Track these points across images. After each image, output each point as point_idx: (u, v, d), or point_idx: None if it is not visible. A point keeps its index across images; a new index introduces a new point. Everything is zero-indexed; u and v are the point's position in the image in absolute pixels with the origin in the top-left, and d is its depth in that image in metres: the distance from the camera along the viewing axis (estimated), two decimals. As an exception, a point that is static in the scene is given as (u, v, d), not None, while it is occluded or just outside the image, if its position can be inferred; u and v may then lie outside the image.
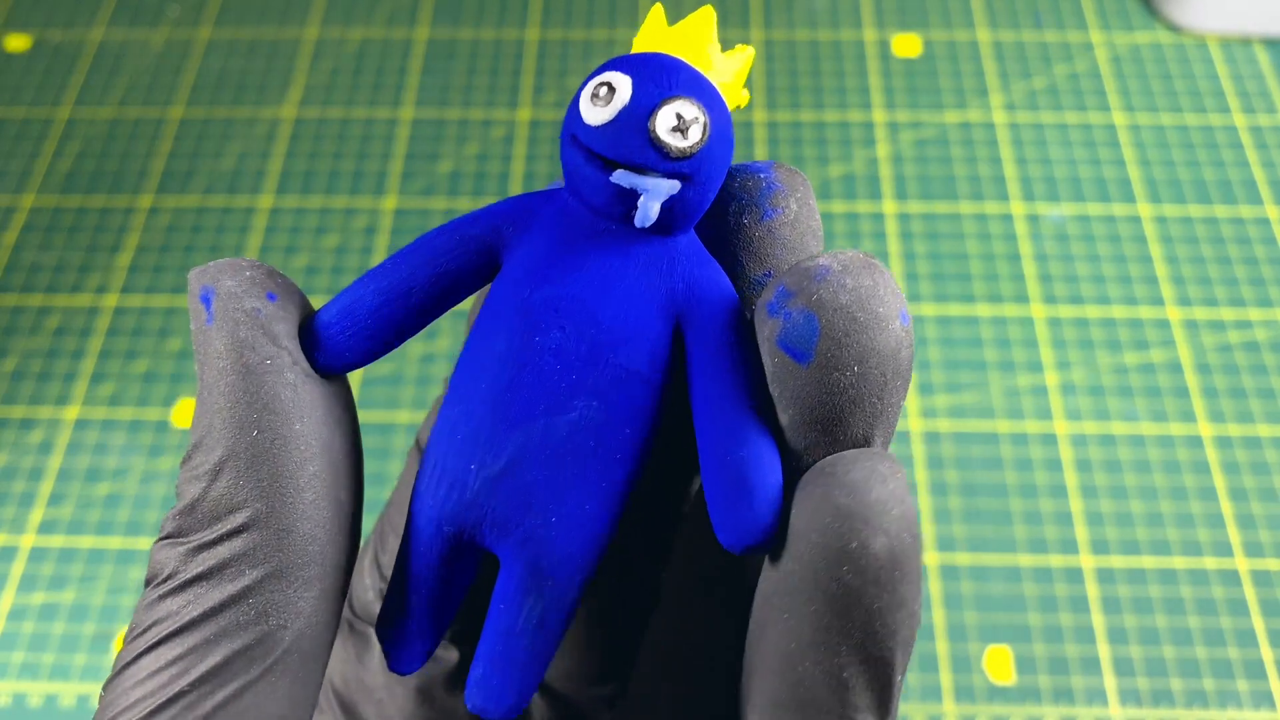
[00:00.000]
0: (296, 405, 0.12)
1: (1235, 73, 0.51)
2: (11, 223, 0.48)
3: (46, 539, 0.39)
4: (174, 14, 0.55)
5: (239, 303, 0.12)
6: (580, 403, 0.11)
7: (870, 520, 0.10)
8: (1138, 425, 0.41)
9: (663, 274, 0.11)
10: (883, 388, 0.11)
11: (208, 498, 0.12)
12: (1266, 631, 0.37)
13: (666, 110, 0.10)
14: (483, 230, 0.11)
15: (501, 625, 0.12)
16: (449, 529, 0.12)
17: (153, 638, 0.12)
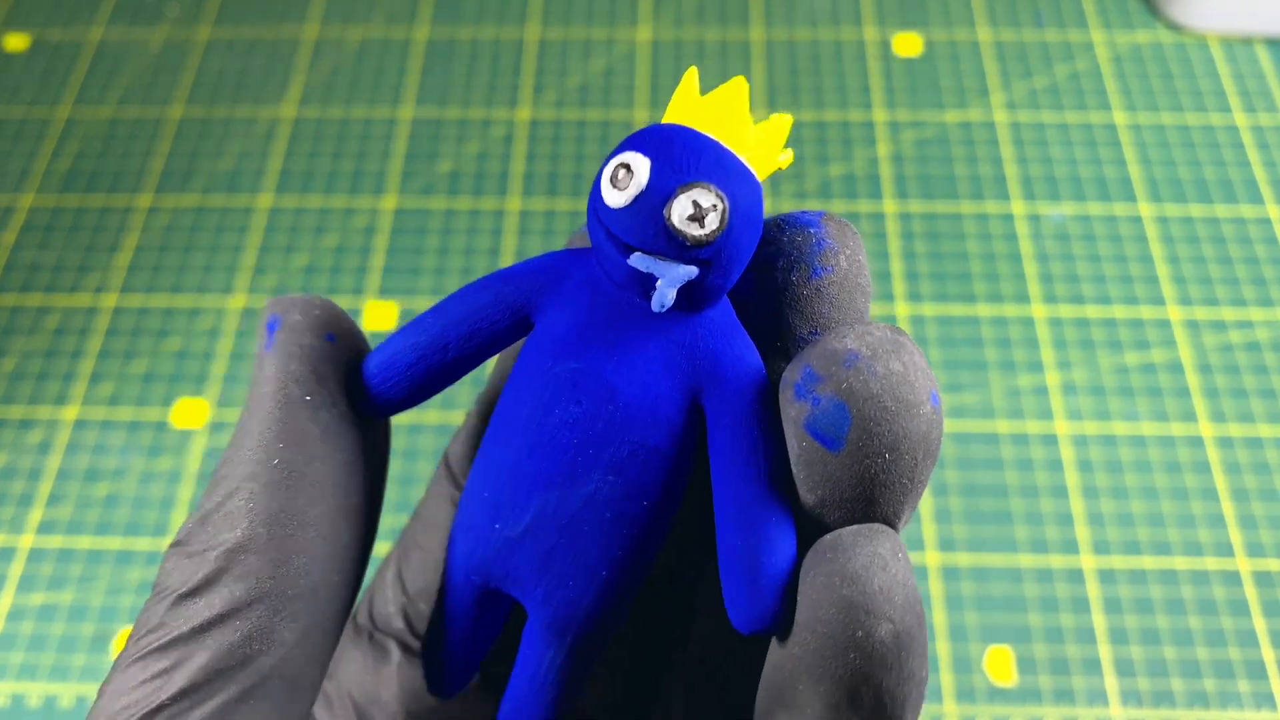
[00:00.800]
0: (322, 445, 0.12)
1: (1236, 72, 0.51)
2: (10, 222, 0.48)
3: (45, 539, 0.39)
4: (173, 13, 0.55)
5: (298, 337, 0.12)
6: (596, 477, 0.11)
7: (873, 610, 0.10)
8: (1139, 425, 0.41)
9: (685, 350, 0.11)
10: (914, 470, 0.11)
11: (219, 512, 0.12)
12: (1268, 632, 0.37)
13: (683, 198, 0.10)
14: (516, 292, 0.11)
15: (527, 670, 0.13)
16: (476, 579, 0.13)
17: (143, 648, 0.12)
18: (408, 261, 0.46)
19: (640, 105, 0.51)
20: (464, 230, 0.47)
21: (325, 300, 0.13)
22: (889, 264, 0.45)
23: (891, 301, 0.44)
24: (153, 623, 0.12)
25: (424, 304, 0.45)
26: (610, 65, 0.52)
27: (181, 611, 0.12)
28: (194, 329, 0.44)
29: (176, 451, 0.41)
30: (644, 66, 0.52)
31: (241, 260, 0.46)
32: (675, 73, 0.52)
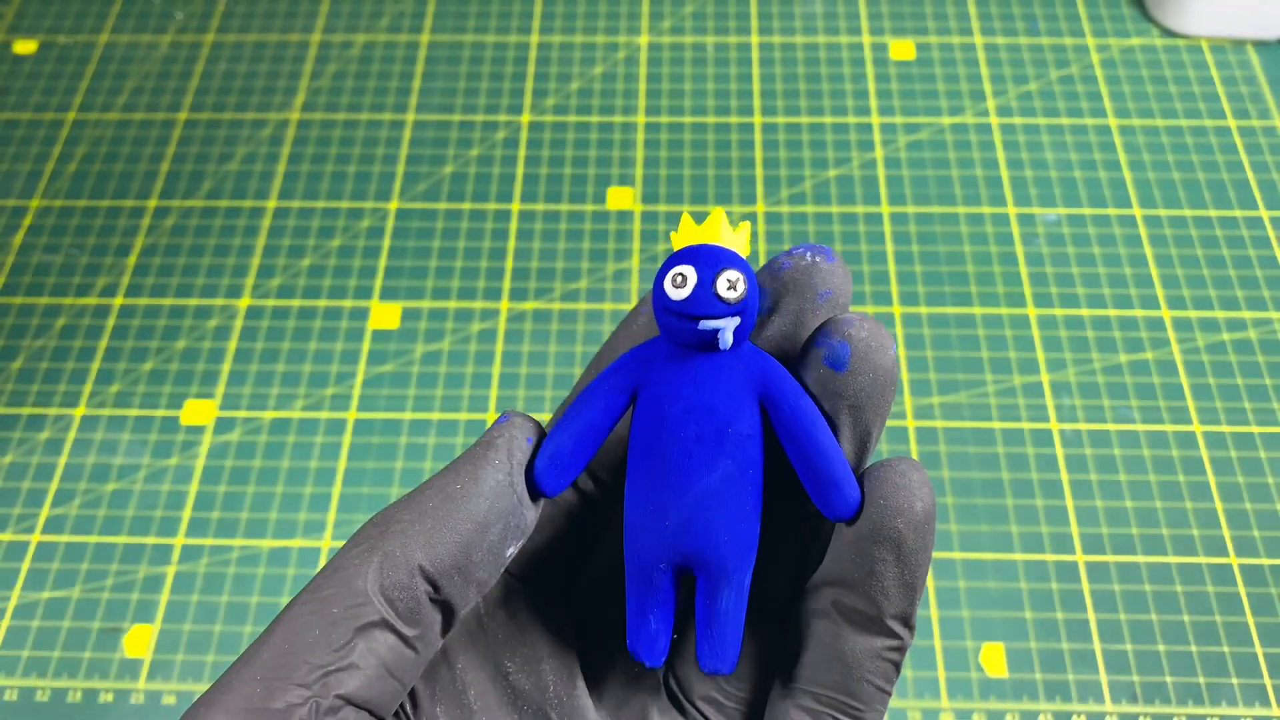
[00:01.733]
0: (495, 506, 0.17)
1: (1229, 76, 0.51)
2: (19, 224, 0.48)
3: (54, 536, 0.40)
4: (180, 18, 0.55)
5: (517, 430, 0.18)
6: (722, 463, 0.17)
7: (913, 493, 0.17)
8: (1131, 423, 0.42)
9: (740, 369, 0.17)
10: (886, 388, 0.17)
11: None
12: (1258, 627, 0.37)
13: (721, 279, 0.17)
14: (628, 378, 0.18)
15: (711, 614, 0.18)
16: (663, 564, 0.18)
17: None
18: (411, 263, 0.47)
19: (640, 109, 0.51)
20: (467, 232, 0.47)
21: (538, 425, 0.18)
22: (885, 265, 0.46)
23: (889, 303, 0.45)
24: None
25: (428, 305, 0.45)
26: (610, 70, 0.53)
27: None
28: (201, 329, 0.45)
29: (184, 449, 0.42)
30: (644, 71, 0.53)
31: (248, 261, 0.47)
32: (675, 77, 0.52)
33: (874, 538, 0.17)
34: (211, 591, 0.38)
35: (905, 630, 0.18)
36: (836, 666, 0.18)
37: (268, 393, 0.43)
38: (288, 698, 0.15)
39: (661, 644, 0.18)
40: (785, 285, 0.19)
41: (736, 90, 0.52)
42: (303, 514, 0.40)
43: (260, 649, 0.15)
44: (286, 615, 0.16)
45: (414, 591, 0.16)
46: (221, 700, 0.15)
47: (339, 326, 0.45)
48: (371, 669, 0.16)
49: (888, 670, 0.18)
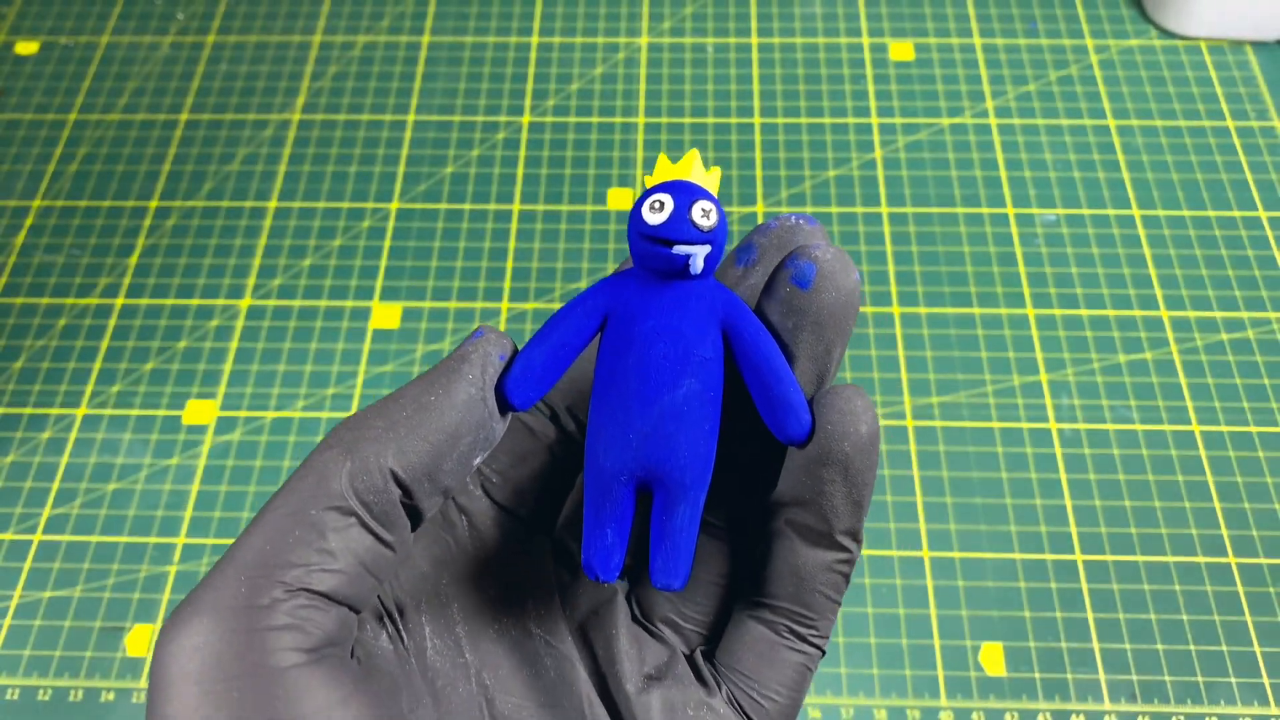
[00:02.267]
0: (466, 414, 0.18)
1: (1227, 77, 0.51)
2: (21, 224, 0.48)
3: (56, 535, 0.40)
4: (181, 19, 0.56)
5: (490, 346, 0.18)
6: (685, 381, 0.18)
7: (859, 418, 0.18)
8: (1130, 423, 0.42)
9: (707, 300, 0.18)
10: (848, 309, 0.19)
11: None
12: (1257, 627, 0.37)
13: (697, 207, 0.18)
14: (599, 302, 0.19)
15: (665, 529, 0.19)
16: (624, 475, 0.19)
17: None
18: (412, 263, 0.47)
19: (640, 110, 0.51)
20: (468, 233, 0.48)
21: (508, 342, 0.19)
22: (884, 265, 0.46)
23: (888, 303, 0.45)
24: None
25: (429, 305, 0.45)
26: (611, 70, 0.53)
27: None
28: (203, 329, 0.45)
29: (186, 449, 0.42)
30: (644, 72, 0.53)
31: (249, 262, 0.47)
32: (675, 78, 0.53)
33: (823, 460, 0.18)
34: (213, 591, 0.39)
35: (854, 544, 0.19)
36: (791, 580, 0.19)
37: (269, 392, 0.43)
38: (272, 594, 0.15)
39: (616, 558, 0.19)
40: (770, 241, 0.20)
41: (736, 91, 0.52)
42: (304, 513, 0.40)
43: (240, 550, 0.16)
44: (264, 517, 0.16)
45: (387, 495, 0.17)
46: (206, 599, 0.15)
47: (340, 326, 0.45)
48: (350, 566, 0.16)
49: (837, 582, 0.19)
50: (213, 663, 0.15)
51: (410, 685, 0.18)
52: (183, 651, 0.15)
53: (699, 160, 0.19)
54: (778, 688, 0.20)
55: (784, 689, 0.20)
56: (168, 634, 0.15)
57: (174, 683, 0.15)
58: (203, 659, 0.15)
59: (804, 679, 0.20)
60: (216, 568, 0.16)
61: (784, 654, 0.20)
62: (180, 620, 0.15)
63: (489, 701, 0.19)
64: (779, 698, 0.20)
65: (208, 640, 0.15)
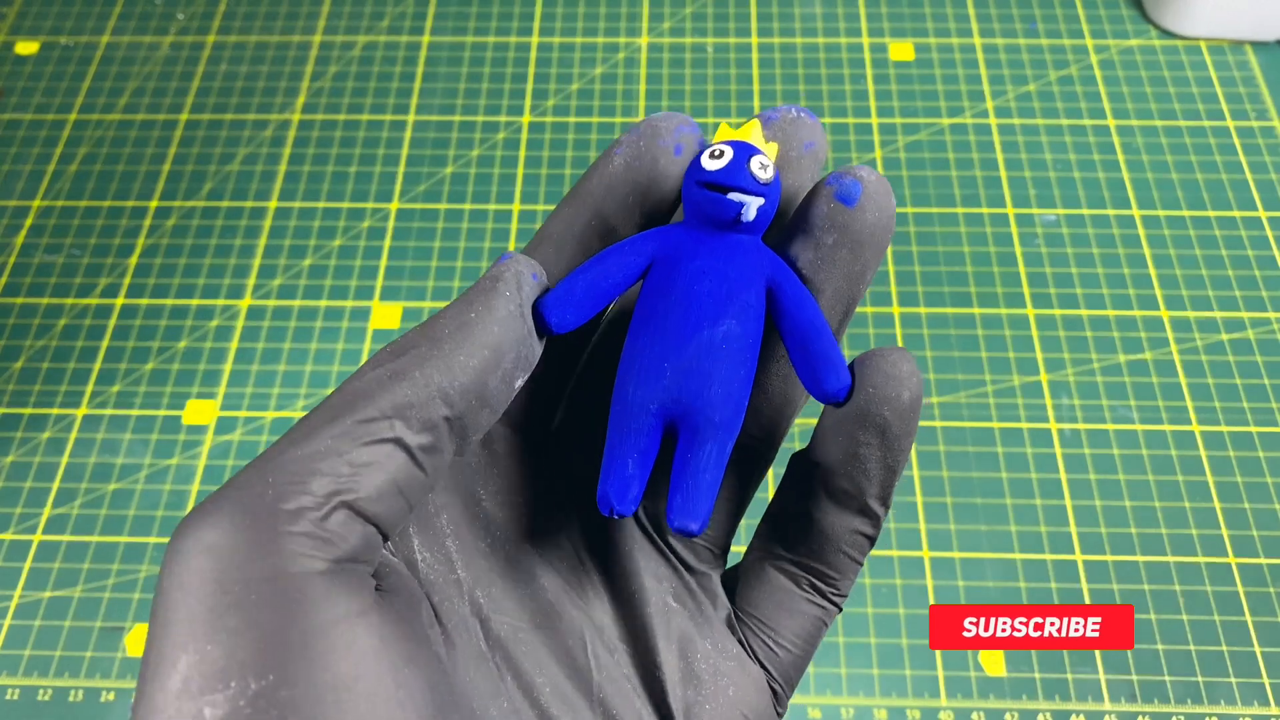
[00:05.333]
0: (506, 332, 0.17)
1: (1227, 77, 0.51)
2: (21, 224, 0.48)
3: (56, 535, 0.40)
4: (181, 19, 0.56)
5: (522, 266, 0.18)
6: (726, 321, 0.18)
7: (903, 382, 0.18)
8: (1130, 423, 0.42)
9: (754, 253, 0.19)
10: (885, 231, 0.19)
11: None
12: (1257, 627, 0.37)
13: (755, 160, 0.18)
14: (648, 245, 0.19)
15: (689, 467, 0.18)
16: (652, 405, 0.18)
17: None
18: (412, 263, 0.47)
19: (640, 110, 0.51)
20: (468, 233, 0.48)
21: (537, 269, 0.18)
22: (884, 265, 0.46)
23: (888, 303, 0.45)
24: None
25: (429, 305, 0.45)
26: (611, 70, 0.53)
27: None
28: (203, 329, 0.45)
29: (186, 449, 0.42)
30: (644, 72, 0.53)
31: (249, 262, 0.47)
32: (675, 78, 0.53)
33: (861, 422, 0.18)
34: (213, 591, 0.39)
35: (882, 509, 0.19)
36: (816, 536, 0.19)
37: (269, 393, 0.43)
38: (299, 500, 0.15)
39: (634, 490, 0.18)
40: (776, 132, 0.20)
41: (736, 90, 0.52)
42: (304, 513, 0.40)
43: (272, 454, 0.15)
44: (300, 427, 0.16)
45: (431, 413, 0.16)
46: (229, 497, 0.15)
47: (340, 326, 0.45)
48: (383, 484, 0.15)
49: (863, 544, 0.19)
50: (229, 562, 0.14)
51: (421, 600, 0.17)
52: (199, 547, 0.14)
53: (759, 129, 0.19)
54: (792, 638, 0.20)
55: (799, 640, 0.20)
56: (184, 529, 0.14)
57: (187, 579, 0.14)
58: (219, 557, 0.14)
59: (819, 633, 0.20)
60: (244, 471, 0.15)
61: (802, 605, 0.20)
62: (200, 516, 0.14)
63: (483, 622, 0.18)
64: (793, 649, 0.20)
65: (227, 538, 0.14)
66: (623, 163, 0.19)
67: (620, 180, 0.19)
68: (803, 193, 0.20)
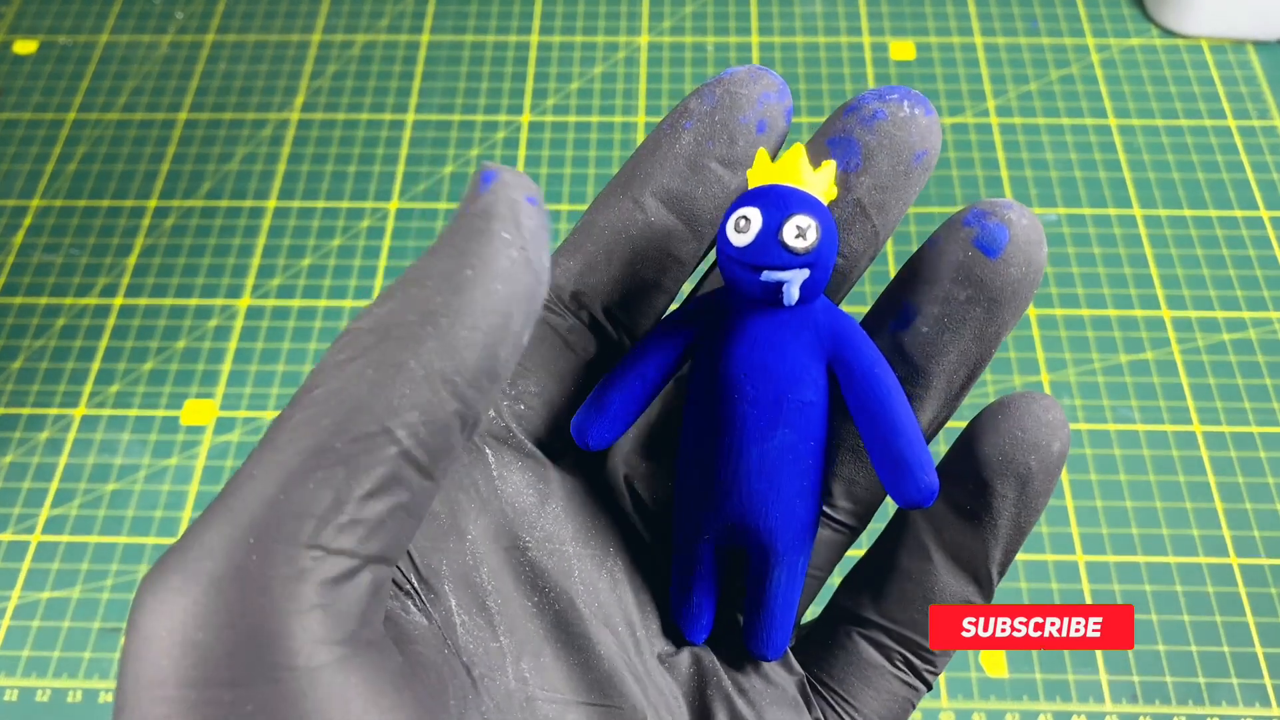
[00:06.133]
0: (510, 273, 0.13)
1: (1229, 76, 0.51)
2: (20, 224, 0.48)
3: (54, 536, 0.40)
4: (180, 18, 0.55)
5: (514, 190, 0.14)
6: (778, 431, 0.15)
7: (1055, 432, 0.16)
8: (1131, 423, 0.42)
9: (809, 331, 0.16)
10: (1031, 289, 0.16)
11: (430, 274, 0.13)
12: (1258, 628, 0.37)
13: (789, 225, 0.15)
14: (685, 329, 0.16)
15: (759, 597, 0.16)
16: (706, 535, 0.16)
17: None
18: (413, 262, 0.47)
19: (640, 109, 0.51)
20: (467, 232, 0.47)
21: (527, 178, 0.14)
22: (885, 266, 0.46)
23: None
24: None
25: (427, 304, 0.45)
26: (611, 70, 0.53)
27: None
28: (201, 329, 0.45)
29: (184, 450, 0.42)
30: (644, 71, 0.53)
31: (248, 261, 0.47)
32: (675, 77, 0.52)
33: (1001, 470, 0.16)
34: (212, 591, 0.38)
35: (999, 576, 0.16)
36: (920, 602, 0.16)
37: (268, 393, 0.43)
38: (296, 563, 0.11)
39: (704, 621, 0.17)
40: (879, 140, 0.16)
41: (736, 90, 0.52)
42: (303, 514, 0.40)
43: (247, 501, 0.11)
44: (271, 454, 0.12)
45: (438, 411, 0.12)
46: (198, 570, 0.11)
47: (339, 327, 0.45)
48: (387, 513, 0.12)
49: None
50: (214, 661, 0.11)
51: (454, 677, 0.14)
52: (169, 642, 0.11)
53: (805, 157, 0.15)
54: (874, 719, 0.17)
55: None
56: (144, 615, 0.11)
57: (153, 675, 0.10)
58: (199, 656, 0.10)
59: (906, 714, 0.17)
60: (207, 521, 0.11)
61: (891, 683, 0.17)
62: (163, 596, 0.11)
63: (529, 700, 0.15)
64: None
65: (205, 627, 0.11)
66: (692, 142, 0.16)
67: (690, 167, 0.16)
68: (904, 209, 0.16)
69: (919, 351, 0.16)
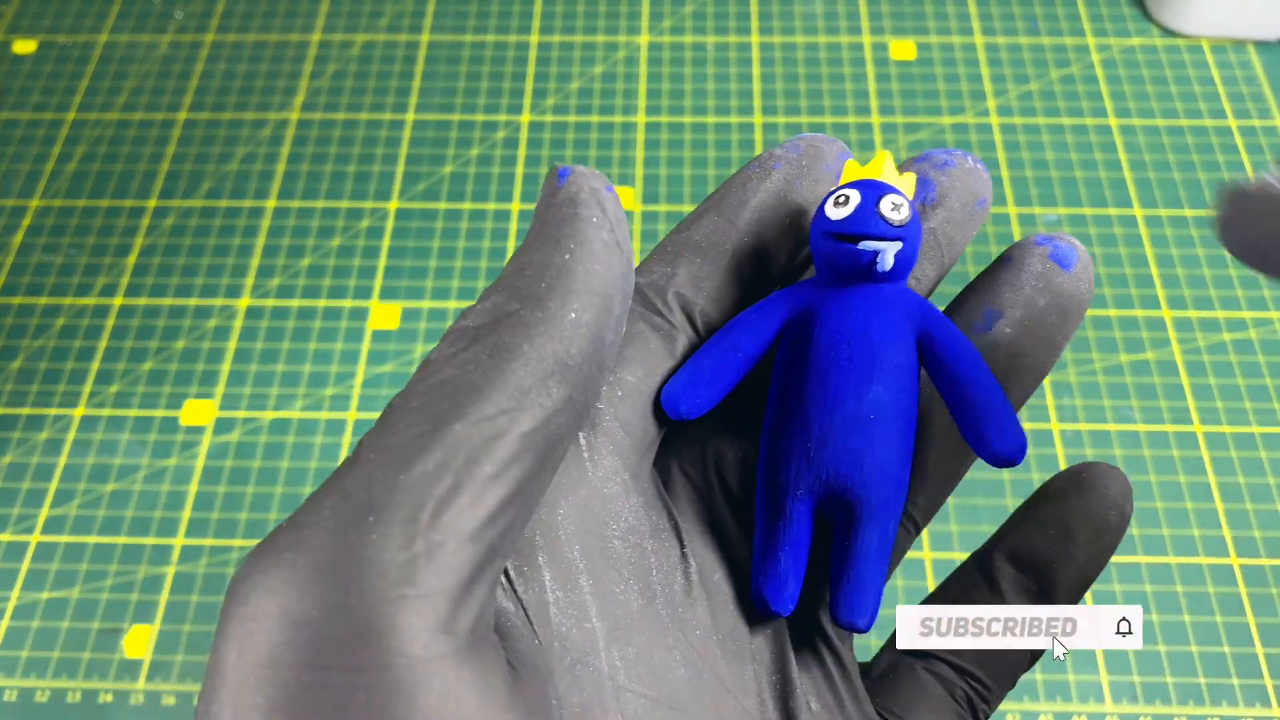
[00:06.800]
0: (602, 260, 0.13)
1: (1229, 76, 0.51)
2: (19, 224, 0.48)
3: (54, 536, 0.40)
4: (179, 18, 0.55)
5: (594, 180, 0.14)
6: (873, 389, 0.16)
7: (1128, 499, 0.18)
8: (1132, 424, 0.42)
9: (897, 304, 0.17)
10: (1085, 307, 0.17)
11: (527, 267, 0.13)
12: (1259, 628, 0.37)
13: (886, 200, 0.16)
14: (780, 308, 0.17)
15: (849, 559, 0.16)
16: (799, 491, 0.16)
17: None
18: (411, 263, 0.47)
19: (640, 109, 0.51)
20: (467, 232, 0.47)
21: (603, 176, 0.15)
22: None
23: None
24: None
25: (428, 305, 0.45)
26: (610, 70, 0.53)
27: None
28: (201, 329, 0.45)
29: (183, 450, 0.42)
30: (644, 71, 0.53)
31: (247, 261, 0.47)
32: (675, 77, 0.52)
33: (1082, 522, 0.17)
34: (211, 592, 0.38)
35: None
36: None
37: (267, 393, 0.43)
38: (413, 547, 0.11)
39: (791, 588, 0.16)
40: (952, 183, 0.18)
41: (736, 90, 0.52)
42: (302, 514, 0.40)
43: (361, 480, 0.11)
44: (388, 435, 0.11)
45: (552, 395, 0.12)
46: (313, 542, 0.10)
47: (339, 326, 0.45)
48: (506, 499, 0.12)
49: (1025, 661, 0.18)
50: (326, 643, 0.10)
51: (550, 668, 0.13)
52: (281, 621, 0.10)
53: (891, 162, 0.17)
54: None
55: None
56: (249, 581, 0.10)
57: (253, 655, 0.10)
58: (311, 636, 0.10)
59: None
60: (319, 497, 0.11)
61: (949, 717, 0.18)
62: (273, 572, 0.10)
63: (619, 691, 0.14)
64: None
65: (319, 606, 0.10)
66: (783, 180, 0.17)
67: (779, 199, 0.17)
68: (964, 249, 0.18)
69: (1002, 353, 0.17)
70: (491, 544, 0.12)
